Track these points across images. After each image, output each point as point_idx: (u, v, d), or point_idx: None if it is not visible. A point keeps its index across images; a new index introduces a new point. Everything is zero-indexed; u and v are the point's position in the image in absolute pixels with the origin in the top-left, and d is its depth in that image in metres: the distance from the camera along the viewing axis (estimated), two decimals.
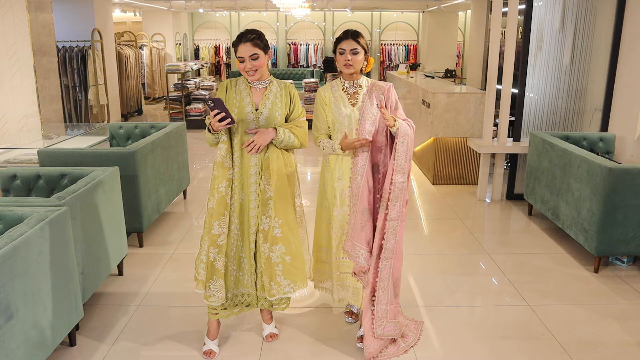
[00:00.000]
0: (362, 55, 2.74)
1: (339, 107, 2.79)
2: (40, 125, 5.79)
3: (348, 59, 2.71)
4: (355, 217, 2.75)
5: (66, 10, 8.87)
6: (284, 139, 2.62)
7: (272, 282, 2.70)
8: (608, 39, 4.96)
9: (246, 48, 2.53)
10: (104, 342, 2.91)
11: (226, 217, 2.64)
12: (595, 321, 3.15)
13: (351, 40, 2.71)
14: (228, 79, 2.73)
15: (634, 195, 3.57)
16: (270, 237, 2.66)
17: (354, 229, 2.75)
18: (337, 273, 2.91)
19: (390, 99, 2.82)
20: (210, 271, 2.68)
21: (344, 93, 2.81)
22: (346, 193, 2.80)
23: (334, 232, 2.85)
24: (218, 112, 2.45)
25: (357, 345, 2.89)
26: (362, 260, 2.75)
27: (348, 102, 2.79)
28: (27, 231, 2.32)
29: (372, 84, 2.84)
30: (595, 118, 5.18)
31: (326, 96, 2.84)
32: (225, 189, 2.62)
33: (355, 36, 2.73)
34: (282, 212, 2.67)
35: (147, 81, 12.50)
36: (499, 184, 5.45)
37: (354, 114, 2.77)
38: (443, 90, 5.93)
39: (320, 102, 2.84)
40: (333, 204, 2.84)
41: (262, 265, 2.71)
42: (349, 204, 2.79)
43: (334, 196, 2.83)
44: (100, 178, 3.23)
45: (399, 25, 15.49)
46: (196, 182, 6.12)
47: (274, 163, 2.64)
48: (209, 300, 2.71)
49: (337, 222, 2.84)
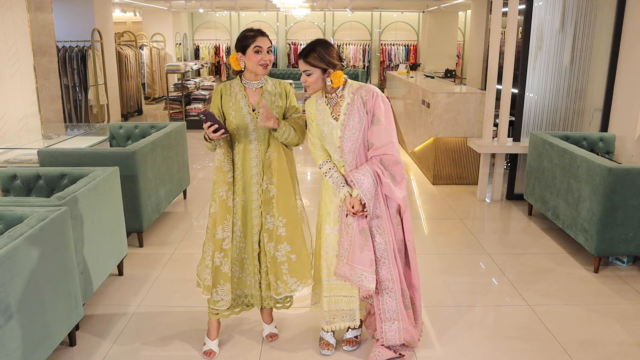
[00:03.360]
0: (318, 74, 2.46)
1: (323, 122, 2.56)
2: (40, 125, 5.79)
3: (305, 81, 2.50)
4: (354, 238, 2.50)
5: (66, 10, 8.87)
6: (285, 131, 2.58)
7: (278, 281, 2.70)
8: (608, 39, 4.96)
9: (265, 40, 2.56)
10: (104, 342, 2.91)
11: (229, 220, 2.64)
12: (595, 321, 3.15)
13: (302, 61, 2.47)
14: (222, 83, 2.72)
15: (634, 195, 3.58)
16: (275, 236, 2.66)
17: (353, 251, 2.50)
18: (328, 296, 2.70)
19: (369, 112, 2.47)
20: (216, 276, 2.67)
21: (327, 106, 2.56)
22: (338, 212, 2.61)
23: (324, 251, 2.66)
24: (211, 124, 2.47)
25: (321, 351, 2.80)
26: (367, 283, 2.50)
27: (331, 116, 2.53)
28: (27, 231, 2.32)
29: (355, 90, 2.51)
30: (595, 118, 5.18)
31: (312, 111, 2.63)
32: (225, 192, 2.63)
33: (307, 56, 2.45)
34: (285, 211, 2.66)
35: (147, 81, 12.50)
36: (499, 184, 5.45)
37: (335, 131, 2.51)
38: (443, 90, 5.93)
39: (308, 116, 2.64)
40: (325, 222, 2.66)
41: (267, 264, 2.71)
42: (340, 225, 2.57)
43: (328, 212, 2.65)
44: (100, 178, 3.23)
45: (399, 25, 15.49)
46: (196, 182, 6.12)
47: (275, 162, 2.64)
48: (216, 306, 2.70)
49: (329, 241, 2.64)
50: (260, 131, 2.63)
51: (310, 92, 2.58)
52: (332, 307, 2.72)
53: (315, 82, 2.48)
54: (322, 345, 2.82)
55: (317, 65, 2.44)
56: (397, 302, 2.61)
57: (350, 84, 2.55)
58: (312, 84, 2.49)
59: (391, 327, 2.63)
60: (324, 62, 2.44)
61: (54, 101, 6.80)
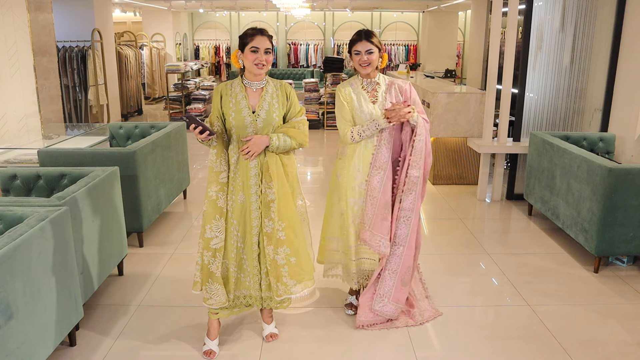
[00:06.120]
0: (377, 53, 2.84)
1: (360, 104, 2.88)
2: (40, 125, 5.79)
3: (364, 60, 2.82)
4: (376, 210, 2.88)
5: (66, 10, 8.87)
6: (278, 145, 2.61)
7: (278, 283, 2.71)
8: (608, 39, 4.96)
9: (263, 40, 2.56)
10: (104, 342, 2.91)
11: (219, 220, 2.65)
12: (595, 321, 3.15)
13: (365, 41, 2.82)
14: (222, 82, 2.72)
15: (634, 195, 3.58)
16: (274, 240, 2.67)
17: (374, 220, 2.89)
18: (355, 259, 3.02)
19: (410, 98, 2.91)
20: (205, 274, 2.69)
21: (363, 90, 2.91)
22: (363, 186, 2.91)
23: (351, 221, 2.96)
24: (195, 126, 2.48)
25: (346, 312, 3.18)
26: (383, 248, 2.90)
27: (369, 99, 2.89)
28: (27, 231, 2.32)
29: (390, 82, 2.94)
30: (595, 118, 5.18)
31: (347, 92, 2.92)
32: (216, 193, 2.64)
33: (369, 37, 2.83)
34: (284, 215, 2.67)
35: (147, 81, 12.50)
36: (499, 184, 5.45)
37: (375, 111, 2.86)
38: (443, 90, 5.93)
39: (342, 97, 2.91)
40: (350, 195, 2.93)
41: (267, 266, 2.72)
42: (366, 197, 2.91)
43: (352, 187, 2.92)
44: (101, 178, 3.23)
45: (399, 25, 15.49)
46: (196, 182, 6.12)
47: (273, 166, 2.64)
48: (207, 303, 2.73)
49: (354, 212, 2.95)
50: (259, 133, 2.62)
51: (369, 70, 2.87)
52: (361, 268, 3.07)
53: (376, 60, 2.85)
54: (346, 307, 3.21)
55: (377, 45, 2.84)
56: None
57: (381, 74, 2.97)
58: (373, 62, 2.84)
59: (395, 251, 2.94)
60: (380, 44, 2.86)
61: (54, 101, 6.80)
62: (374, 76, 2.92)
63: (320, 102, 9.65)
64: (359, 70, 2.89)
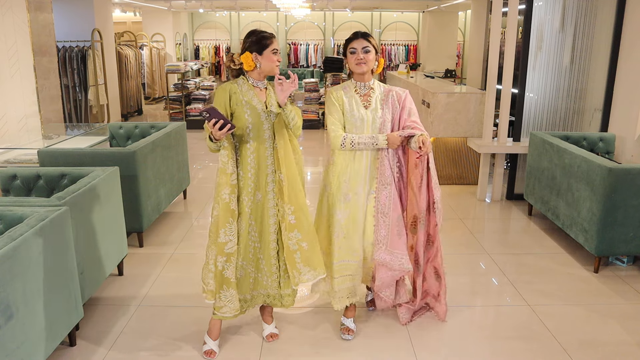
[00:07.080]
0: (374, 54, 2.75)
1: (351, 108, 2.78)
2: (40, 125, 5.79)
3: (360, 57, 2.72)
4: (390, 228, 2.82)
5: (66, 10, 8.87)
6: (291, 109, 2.62)
7: (293, 270, 2.69)
8: (608, 39, 4.96)
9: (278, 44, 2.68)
10: (104, 342, 2.91)
11: (232, 224, 2.61)
12: (595, 321, 3.15)
13: (362, 39, 2.73)
14: (226, 82, 2.73)
15: (634, 195, 3.57)
16: (285, 224, 2.66)
17: (391, 239, 2.82)
18: (338, 277, 2.87)
19: (405, 107, 2.83)
20: (219, 281, 2.65)
21: (356, 94, 2.81)
22: (350, 197, 2.81)
23: (335, 235, 2.82)
24: (216, 120, 2.42)
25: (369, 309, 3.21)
26: (406, 265, 2.84)
27: (361, 104, 2.79)
28: (27, 231, 2.32)
29: (387, 90, 2.84)
30: (595, 118, 5.18)
31: (338, 95, 2.80)
32: (228, 195, 2.60)
33: (366, 36, 2.76)
34: (293, 198, 2.67)
35: (147, 81, 12.50)
36: (499, 184, 5.45)
37: (367, 117, 2.77)
38: (443, 90, 5.92)
39: (334, 98, 2.80)
40: (337, 207, 2.81)
41: (283, 255, 2.72)
42: (376, 215, 2.82)
43: (339, 199, 2.81)
44: (101, 178, 3.23)
45: (399, 25, 15.49)
46: (196, 182, 6.12)
47: (281, 150, 2.65)
48: (220, 312, 2.69)
49: (339, 226, 2.82)
50: (272, 129, 2.66)
51: (365, 70, 2.75)
52: (342, 287, 2.89)
53: (372, 60, 2.75)
54: (342, 330, 2.98)
55: (374, 45, 2.75)
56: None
57: (376, 81, 2.89)
58: (369, 61, 2.73)
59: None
60: (377, 46, 2.78)
61: (54, 101, 6.80)
62: (368, 79, 2.81)
63: (320, 102, 9.66)
64: (354, 70, 2.77)
